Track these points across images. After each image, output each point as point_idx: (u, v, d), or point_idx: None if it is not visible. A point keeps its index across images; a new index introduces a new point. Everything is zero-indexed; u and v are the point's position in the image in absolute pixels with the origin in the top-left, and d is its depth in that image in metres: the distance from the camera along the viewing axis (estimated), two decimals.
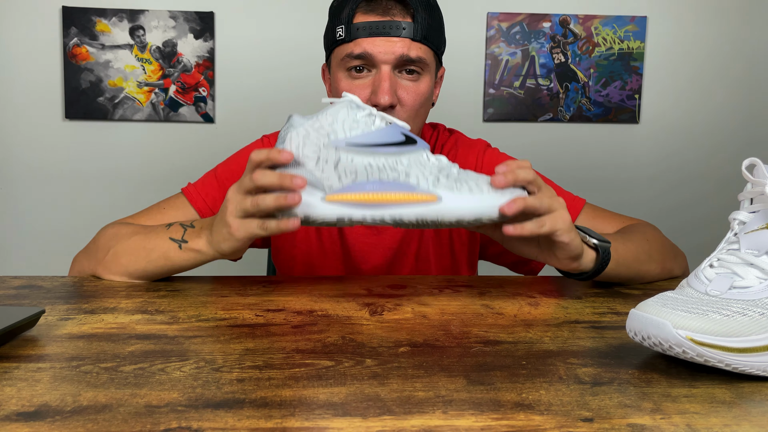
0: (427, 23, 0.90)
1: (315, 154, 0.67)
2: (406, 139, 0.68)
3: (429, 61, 0.91)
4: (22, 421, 0.41)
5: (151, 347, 0.57)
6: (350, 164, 0.67)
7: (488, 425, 0.42)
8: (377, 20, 0.88)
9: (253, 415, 0.43)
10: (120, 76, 2.08)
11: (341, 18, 0.90)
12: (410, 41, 0.88)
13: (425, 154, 0.68)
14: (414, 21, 0.89)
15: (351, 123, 0.67)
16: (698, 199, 2.27)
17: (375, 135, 0.67)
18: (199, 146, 2.13)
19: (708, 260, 0.57)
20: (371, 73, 0.90)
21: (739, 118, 2.27)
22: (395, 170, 0.67)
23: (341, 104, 0.68)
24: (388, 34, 0.88)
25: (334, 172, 0.67)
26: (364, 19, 0.89)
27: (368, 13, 0.89)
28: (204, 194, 0.95)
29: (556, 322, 0.67)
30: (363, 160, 0.67)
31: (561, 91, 2.20)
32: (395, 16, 0.88)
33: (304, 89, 2.11)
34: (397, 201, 0.66)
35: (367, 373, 0.51)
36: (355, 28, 0.89)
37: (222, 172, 0.98)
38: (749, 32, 2.24)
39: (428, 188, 0.67)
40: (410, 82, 0.91)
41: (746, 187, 0.59)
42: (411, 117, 0.92)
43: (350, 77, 0.91)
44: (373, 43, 0.88)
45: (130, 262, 0.80)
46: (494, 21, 2.17)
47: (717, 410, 0.45)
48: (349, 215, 0.67)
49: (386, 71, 0.88)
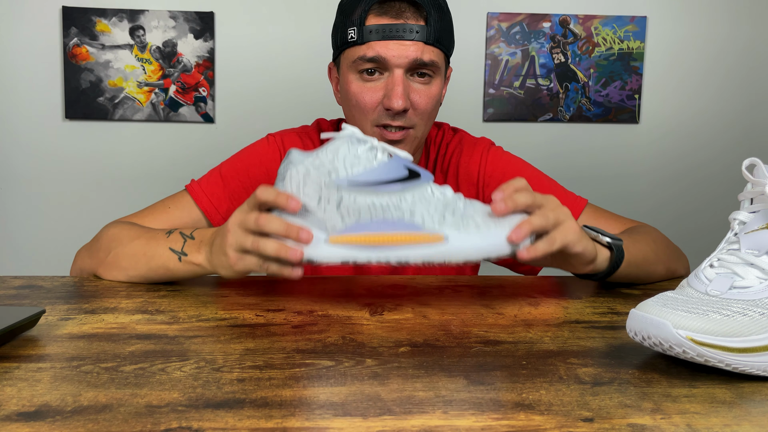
0: (440, 26, 0.89)
1: (316, 193, 0.65)
2: (410, 173, 0.65)
3: (440, 64, 0.91)
4: (23, 421, 0.41)
5: (151, 347, 0.57)
6: (353, 204, 0.64)
7: (488, 425, 0.42)
8: (391, 23, 0.87)
9: (254, 415, 0.43)
10: (120, 76, 2.08)
11: (353, 19, 0.89)
12: (423, 45, 0.88)
13: (429, 188, 0.66)
14: (427, 24, 0.88)
15: (352, 159, 0.65)
16: (698, 199, 2.27)
17: (377, 172, 0.65)
18: (199, 146, 2.13)
19: (708, 260, 0.57)
20: (383, 76, 0.89)
21: (739, 117, 2.27)
22: (399, 209, 0.64)
23: (342, 140, 0.66)
24: (402, 37, 0.87)
25: (336, 212, 0.64)
26: (377, 22, 0.87)
27: (381, 15, 0.87)
28: (209, 193, 0.95)
29: (557, 322, 0.67)
30: (366, 199, 0.64)
31: (561, 91, 2.20)
32: (408, 19, 0.87)
33: (304, 89, 2.11)
34: (403, 242, 0.64)
35: (367, 373, 0.51)
36: (367, 30, 0.87)
37: (227, 171, 0.97)
38: (749, 32, 2.24)
39: (434, 227, 0.64)
40: (422, 85, 0.90)
41: (746, 187, 0.59)
42: (423, 120, 0.91)
43: (362, 80, 0.90)
44: (387, 47, 0.87)
45: (130, 266, 0.80)
46: (494, 21, 2.17)
47: (717, 410, 0.45)
48: (353, 257, 0.65)
49: (399, 75, 0.88)
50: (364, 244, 0.64)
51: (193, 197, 0.94)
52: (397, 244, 0.64)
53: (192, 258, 0.75)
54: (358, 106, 0.91)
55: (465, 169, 1.00)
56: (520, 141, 2.18)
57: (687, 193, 2.27)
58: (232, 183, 0.96)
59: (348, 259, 0.65)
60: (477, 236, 0.65)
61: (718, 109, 2.26)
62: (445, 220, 0.64)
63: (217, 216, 0.94)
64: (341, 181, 0.64)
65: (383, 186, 0.64)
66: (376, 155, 0.65)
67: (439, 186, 0.67)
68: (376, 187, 0.64)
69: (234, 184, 0.96)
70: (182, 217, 0.92)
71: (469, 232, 0.65)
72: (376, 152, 0.66)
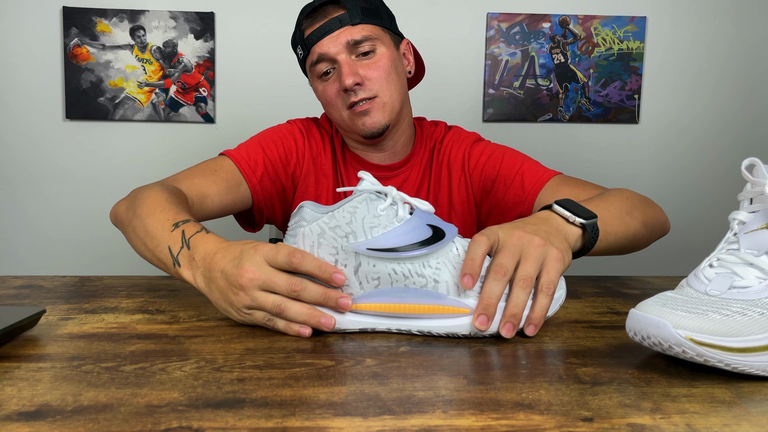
0: (359, 7, 1.00)
1: (332, 256, 0.60)
2: (433, 230, 0.60)
3: (377, 36, 1.01)
4: (23, 421, 0.41)
5: (151, 347, 0.57)
6: (372, 270, 0.60)
7: (488, 425, 0.42)
8: (318, 26, 1.00)
9: (254, 415, 0.43)
10: (120, 77, 2.08)
11: (296, 40, 1.03)
12: (350, 27, 0.99)
13: (455, 248, 0.61)
14: (347, 10, 0.99)
15: (371, 219, 0.60)
16: (697, 198, 2.27)
17: (398, 234, 0.59)
18: (200, 146, 2.13)
19: (708, 260, 0.57)
20: (336, 70, 1.00)
21: (738, 118, 2.27)
22: (422, 276, 0.59)
23: (359, 198, 0.61)
24: (331, 30, 0.99)
25: (354, 277, 0.60)
26: (310, 30, 1.01)
27: (312, 24, 1.01)
28: (246, 157, 1.03)
29: (556, 322, 0.67)
30: (387, 266, 0.60)
31: (561, 91, 2.20)
32: (331, 15, 1.00)
33: (304, 89, 2.11)
34: (426, 312, 0.60)
35: (367, 372, 0.51)
36: (308, 41, 1.01)
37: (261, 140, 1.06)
38: (749, 32, 2.24)
39: (459, 298, 0.60)
40: (367, 59, 1.00)
41: (746, 187, 0.59)
42: (383, 86, 1.00)
43: (322, 81, 1.02)
44: (322, 45, 0.99)
45: (140, 246, 0.75)
46: (494, 21, 2.17)
47: (717, 410, 0.45)
48: (372, 326, 0.61)
49: (343, 59, 0.99)
50: (384, 312, 0.61)
51: (233, 160, 1.02)
52: (420, 315, 0.60)
53: (183, 272, 0.68)
54: (327, 101, 1.03)
55: (455, 159, 1.09)
56: (519, 141, 2.18)
57: (686, 193, 2.27)
58: (267, 149, 1.05)
59: (367, 327, 0.62)
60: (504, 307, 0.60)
61: (717, 109, 2.26)
62: (472, 288, 0.60)
63: (254, 179, 1.02)
64: (359, 246, 0.59)
65: (405, 252, 0.59)
66: (396, 212, 0.60)
67: (465, 240, 0.63)
68: (397, 253, 0.59)
69: (269, 151, 1.05)
70: (227, 180, 0.99)
71: None
72: (396, 209, 0.61)
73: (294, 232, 0.63)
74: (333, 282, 0.60)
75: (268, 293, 0.60)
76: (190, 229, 0.71)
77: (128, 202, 0.84)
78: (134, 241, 0.77)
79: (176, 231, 0.72)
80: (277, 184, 1.06)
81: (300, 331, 0.60)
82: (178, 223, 0.73)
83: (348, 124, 1.02)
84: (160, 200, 0.79)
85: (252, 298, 0.60)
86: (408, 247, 0.59)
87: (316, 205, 0.63)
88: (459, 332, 0.60)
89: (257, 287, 0.60)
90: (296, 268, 0.60)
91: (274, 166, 1.05)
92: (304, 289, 0.60)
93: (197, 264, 0.66)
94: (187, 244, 0.69)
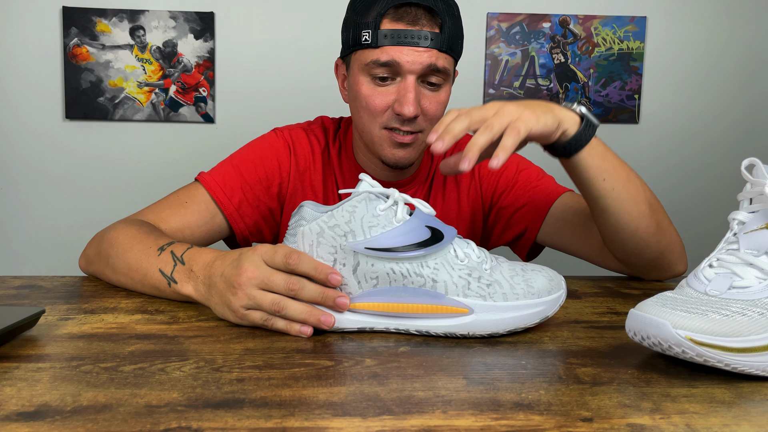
0: (453, 33, 0.90)
1: (331, 255, 0.61)
2: (432, 232, 0.60)
3: (451, 71, 0.92)
4: (22, 421, 0.41)
5: (151, 347, 0.57)
6: (370, 269, 0.60)
7: (488, 425, 0.42)
8: (406, 29, 0.87)
9: (253, 415, 0.43)
10: (120, 77, 2.08)
11: (367, 21, 0.88)
12: (437, 52, 0.88)
13: (453, 249, 0.61)
14: (441, 31, 0.88)
15: (370, 219, 0.60)
16: (698, 199, 2.27)
17: (397, 234, 0.59)
18: (199, 146, 2.13)
19: (707, 260, 0.57)
20: (395, 81, 0.89)
21: (739, 118, 2.27)
22: (421, 276, 0.60)
23: (358, 198, 0.61)
24: (416, 44, 0.87)
25: (352, 276, 0.60)
26: (392, 27, 0.87)
27: (397, 21, 0.87)
28: (222, 184, 0.94)
29: (556, 322, 0.67)
30: (385, 266, 0.60)
31: (561, 91, 2.20)
32: (424, 26, 0.87)
33: (304, 89, 2.11)
34: (424, 312, 0.60)
35: (366, 372, 0.51)
36: (382, 34, 0.87)
37: (239, 161, 0.97)
38: (749, 32, 2.24)
39: (458, 297, 0.60)
40: (432, 92, 0.91)
41: (745, 187, 0.59)
42: (432, 125, 0.92)
43: (373, 84, 0.90)
44: (401, 52, 0.87)
45: (126, 281, 0.76)
46: (494, 21, 2.17)
47: (716, 410, 0.45)
48: (371, 325, 0.62)
49: (412, 81, 0.88)
50: (382, 311, 0.61)
51: (206, 188, 0.93)
52: (419, 314, 0.60)
53: (181, 288, 0.68)
54: (367, 109, 0.91)
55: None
56: None
57: (686, 192, 2.27)
58: (245, 173, 0.95)
59: (365, 326, 0.62)
60: (504, 308, 0.60)
61: (717, 109, 2.26)
62: (470, 289, 0.60)
63: (230, 207, 0.93)
64: (358, 245, 0.59)
65: (403, 252, 0.59)
66: (395, 213, 0.60)
67: (463, 242, 0.63)
68: (395, 253, 0.59)
69: (247, 175, 0.96)
70: (200, 211, 0.91)
71: (496, 301, 0.60)
72: (395, 210, 0.61)
73: (294, 231, 0.63)
74: (329, 283, 0.60)
75: (266, 292, 0.60)
76: (178, 248, 0.72)
77: (95, 247, 0.84)
78: (117, 279, 0.78)
79: (164, 253, 0.73)
80: (262, 208, 0.97)
81: (301, 331, 0.60)
82: (163, 246, 0.74)
83: (376, 143, 0.93)
84: (131, 234, 0.79)
85: (250, 296, 0.60)
86: (406, 247, 0.59)
87: (315, 205, 0.63)
88: (457, 332, 0.60)
89: (255, 286, 0.60)
90: (293, 268, 0.60)
91: (253, 191, 0.96)
92: (302, 288, 0.60)
93: (196, 274, 0.67)
94: (180, 261, 0.70)
